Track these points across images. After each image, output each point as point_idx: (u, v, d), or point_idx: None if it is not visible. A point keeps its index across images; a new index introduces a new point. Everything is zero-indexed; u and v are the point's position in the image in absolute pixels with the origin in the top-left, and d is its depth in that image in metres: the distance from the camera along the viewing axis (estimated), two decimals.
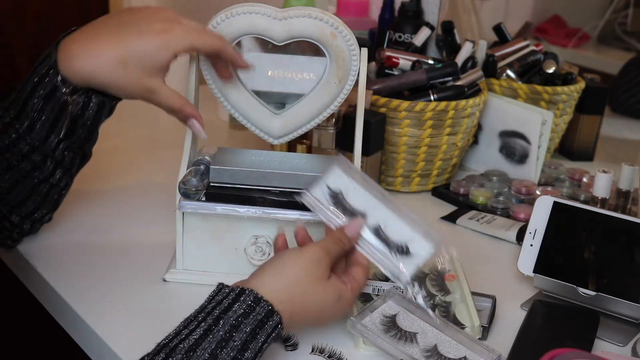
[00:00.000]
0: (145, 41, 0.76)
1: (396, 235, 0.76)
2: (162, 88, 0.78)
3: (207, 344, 0.62)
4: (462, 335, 0.75)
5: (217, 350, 0.62)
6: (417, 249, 0.76)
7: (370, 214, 0.77)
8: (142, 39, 0.76)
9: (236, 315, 0.64)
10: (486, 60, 1.26)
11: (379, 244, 0.76)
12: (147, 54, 0.76)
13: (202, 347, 0.62)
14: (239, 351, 0.63)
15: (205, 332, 0.63)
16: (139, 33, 0.76)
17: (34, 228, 0.90)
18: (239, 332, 0.64)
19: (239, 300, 0.66)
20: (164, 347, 0.63)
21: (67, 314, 0.82)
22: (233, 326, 0.64)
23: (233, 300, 0.66)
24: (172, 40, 0.76)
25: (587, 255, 0.87)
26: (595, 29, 2.25)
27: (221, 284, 0.68)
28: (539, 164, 1.19)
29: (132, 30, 0.76)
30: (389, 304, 0.79)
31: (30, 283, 0.90)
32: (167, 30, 0.77)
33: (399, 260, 0.75)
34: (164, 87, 0.79)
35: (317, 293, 0.70)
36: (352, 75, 0.85)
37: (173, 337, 0.63)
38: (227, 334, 0.63)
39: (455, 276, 0.86)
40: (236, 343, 0.63)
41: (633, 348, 0.80)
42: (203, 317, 0.65)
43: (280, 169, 0.83)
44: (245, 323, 0.64)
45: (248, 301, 0.66)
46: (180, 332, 0.64)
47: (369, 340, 0.74)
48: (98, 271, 0.87)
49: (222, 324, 0.64)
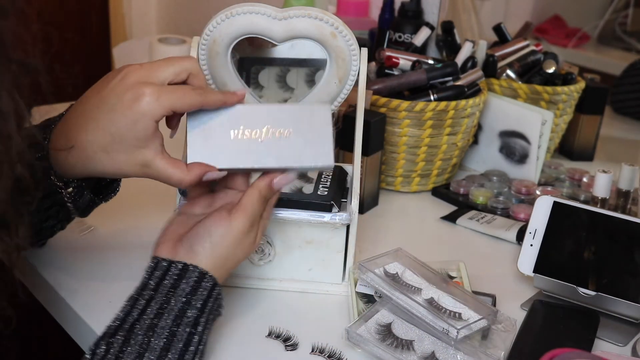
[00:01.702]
0: (119, 118, 0.70)
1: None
2: (155, 160, 0.72)
3: (164, 322, 0.67)
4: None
5: (174, 327, 0.67)
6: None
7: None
8: (116, 117, 0.70)
9: (185, 293, 0.69)
10: (486, 60, 1.26)
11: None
12: (125, 130, 0.70)
13: (161, 325, 0.66)
14: (192, 326, 0.68)
15: (159, 310, 0.67)
16: (111, 111, 0.70)
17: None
18: (191, 308, 0.68)
19: (185, 276, 0.70)
20: (119, 329, 0.66)
21: (67, 314, 0.82)
22: (185, 303, 0.68)
23: (178, 276, 0.70)
24: (146, 109, 0.70)
25: (587, 255, 0.87)
26: (595, 29, 2.24)
27: (156, 257, 0.72)
28: (539, 164, 1.18)
29: (105, 110, 0.71)
30: (383, 312, 0.79)
31: (30, 283, 0.90)
32: (138, 98, 0.70)
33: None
34: (157, 159, 0.72)
35: (244, 247, 0.74)
36: (352, 75, 0.85)
37: (125, 317, 0.67)
38: (181, 311, 0.68)
39: (461, 283, 0.87)
40: (190, 319, 0.68)
41: (633, 348, 0.80)
42: (150, 294, 0.69)
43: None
44: (194, 299, 0.69)
45: (194, 277, 0.70)
46: (131, 312, 0.67)
47: (366, 350, 0.75)
48: (98, 271, 0.87)
49: (174, 301, 0.68)
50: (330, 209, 0.83)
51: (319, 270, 0.86)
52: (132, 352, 0.65)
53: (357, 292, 0.84)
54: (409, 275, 0.83)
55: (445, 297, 0.79)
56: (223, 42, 0.83)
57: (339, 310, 0.84)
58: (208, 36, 0.82)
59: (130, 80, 0.71)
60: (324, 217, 0.83)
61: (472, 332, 0.75)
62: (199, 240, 0.72)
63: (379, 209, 1.11)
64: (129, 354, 0.64)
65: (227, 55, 0.84)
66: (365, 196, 1.08)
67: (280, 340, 0.77)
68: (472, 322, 0.76)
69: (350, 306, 0.83)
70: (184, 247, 0.72)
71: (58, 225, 0.85)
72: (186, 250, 0.72)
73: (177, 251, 0.72)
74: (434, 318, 0.75)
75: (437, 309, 0.77)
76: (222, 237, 0.72)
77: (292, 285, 0.87)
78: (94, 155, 0.72)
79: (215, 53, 0.83)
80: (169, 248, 0.73)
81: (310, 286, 0.87)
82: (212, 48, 0.83)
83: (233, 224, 0.72)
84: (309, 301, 0.85)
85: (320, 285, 0.87)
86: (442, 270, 0.90)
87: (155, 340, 0.66)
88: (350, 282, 0.85)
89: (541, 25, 2.24)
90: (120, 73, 0.72)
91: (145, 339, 0.65)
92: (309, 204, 0.83)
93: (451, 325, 0.74)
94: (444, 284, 0.82)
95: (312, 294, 0.86)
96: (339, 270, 0.87)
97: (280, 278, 0.87)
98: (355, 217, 0.84)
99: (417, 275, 0.83)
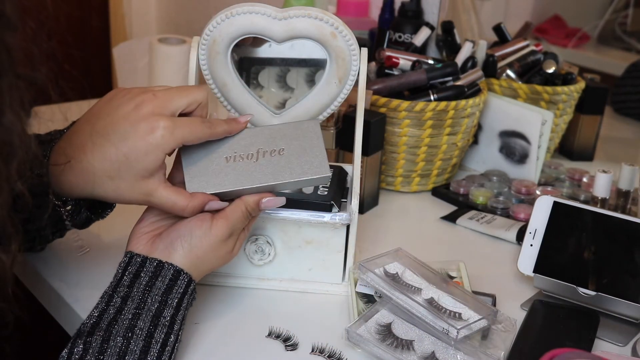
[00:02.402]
0: (131, 148, 0.69)
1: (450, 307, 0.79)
2: (158, 189, 0.72)
3: (142, 324, 0.67)
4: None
5: (152, 328, 0.68)
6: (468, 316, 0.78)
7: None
8: (127, 146, 0.69)
9: (161, 292, 0.70)
10: (486, 60, 1.26)
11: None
12: (135, 161, 0.70)
13: (139, 327, 0.67)
14: (169, 326, 0.69)
15: (137, 310, 0.68)
16: (123, 140, 0.70)
17: (24, 252, 0.90)
18: (167, 308, 0.69)
19: (161, 274, 0.70)
20: (95, 327, 0.66)
21: (67, 314, 0.82)
22: (161, 302, 0.69)
23: (153, 273, 0.70)
24: (160, 142, 0.70)
25: (587, 255, 0.87)
26: (595, 29, 2.24)
27: (130, 252, 0.72)
28: (539, 164, 1.18)
29: (116, 138, 0.70)
30: (383, 312, 0.79)
31: (31, 283, 0.90)
32: (153, 130, 0.69)
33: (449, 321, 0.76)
34: (161, 188, 0.72)
35: (220, 255, 0.75)
36: (352, 75, 0.85)
37: (100, 315, 0.67)
38: (157, 311, 0.69)
39: (461, 283, 0.87)
40: (166, 319, 0.69)
41: (633, 348, 0.80)
42: (125, 291, 0.69)
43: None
44: (170, 297, 0.70)
45: (170, 275, 0.71)
46: (107, 310, 0.68)
47: (367, 350, 0.75)
48: (98, 271, 0.87)
49: (151, 301, 0.69)
50: (330, 209, 0.83)
51: (319, 270, 0.86)
52: (112, 354, 0.65)
53: (357, 292, 0.84)
54: (409, 275, 0.83)
55: (445, 297, 0.79)
56: (223, 42, 0.83)
57: (339, 310, 0.84)
58: (208, 36, 0.82)
59: (146, 111, 0.70)
60: (324, 217, 0.83)
61: (472, 332, 0.75)
62: (179, 238, 0.72)
63: (379, 209, 1.11)
64: (109, 356, 0.65)
65: (227, 55, 0.84)
66: (365, 196, 1.08)
67: (280, 340, 0.77)
68: (472, 322, 0.76)
69: (350, 306, 0.83)
70: (163, 242, 0.72)
71: (57, 234, 0.86)
72: (164, 246, 0.72)
73: (155, 247, 0.72)
74: (434, 318, 0.75)
75: (437, 309, 0.77)
76: (200, 239, 0.72)
77: (292, 285, 0.87)
78: (96, 180, 0.71)
79: (215, 53, 0.83)
80: (145, 243, 0.73)
81: (310, 286, 0.87)
82: (212, 48, 0.83)
83: (212, 229, 0.73)
84: (309, 301, 0.85)
85: (320, 285, 0.87)
86: (442, 270, 0.90)
87: (134, 343, 0.66)
88: (350, 282, 0.85)
89: (541, 25, 2.24)
90: (133, 100, 0.72)
91: (124, 341, 0.66)
92: (309, 204, 0.83)
93: (451, 325, 0.74)
94: (444, 284, 0.82)
95: (312, 294, 0.86)
96: (339, 270, 0.87)
97: (280, 278, 0.87)
98: (355, 217, 0.84)
99: (417, 275, 0.83)
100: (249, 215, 0.75)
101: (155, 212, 0.76)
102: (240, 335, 0.78)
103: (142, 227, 0.75)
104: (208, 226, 0.73)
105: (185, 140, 0.72)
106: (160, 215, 0.75)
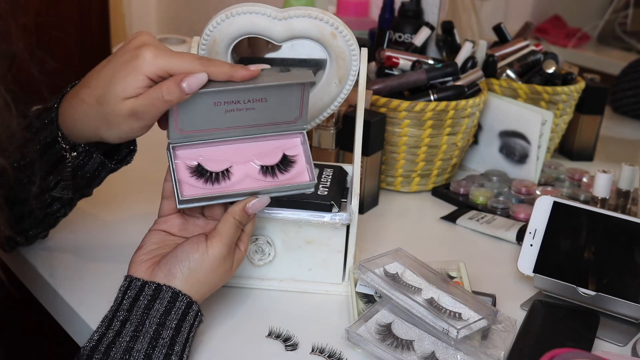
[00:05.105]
0: (114, 73, 0.72)
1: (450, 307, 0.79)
2: (138, 100, 0.71)
3: (140, 346, 0.67)
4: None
5: (149, 349, 0.67)
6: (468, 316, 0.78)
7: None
8: (113, 73, 0.72)
9: (159, 314, 0.70)
10: (486, 60, 1.26)
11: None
12: (117, 84, 0.71)
13: (136, 349, 0.67)
14: (169, 347, 0.68)
15: (135, 333, 0.67)
16: (111, 70, 0.72)
17: (29, 242, 0.90)
18: (166, 329, 0.69)
19: (159, 297, 0.70)
20: (94, 351, 0.66)
21: (67, 314, 0.82)
22: (159, 324, 0.69)
23: (152, 297, 0.70)
24: (140, 64, 0.71)
25: (587, 255, 0.87)
26: (595, 29, 2.24)
27: (129, 276, 0.73)
28: (539, 164, 1.18)
29: (107, 69, 0.73)
30: (383, 312, 0.79)
31: (30, 283, 0.90)
32: (136, 56, 0.71)
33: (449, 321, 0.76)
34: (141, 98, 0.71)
35: (220, 274, 0.75)
36: (352, 75, 0.85)
37: (100, 339, 0.67)
38: (156, 333, 0.68)
39: (461, 283, 0.87)
40: (165, 340, 0.68)
41: (633, 348, 0.80)
42: (125, 315, 0.69)
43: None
44: (169, 319, 0.70)
45: (168, 297, 0.70)
46: (106, 334, 0.68)
47: (367, 350, 0.75)
48: (98, 271, 0.87)
49: (149, 323, 0.69)
50: (330, 209, 0.83)
51: (319, 270, 0.86)
52: None
53: (357, 292, 0.84)
54: (409, 275, 0.83)
55: (445, 297, 0.79)
56: (223, 42, 0.83)
57: (339, 310, 0.84)
58: (208, 36, 0.82)
59: (138, 41, 0.73)
60: (324, 217, 0.83)
61: (472, 332, 0.75)
62: (177, 264, 0.72)
63: (379, 209, 1.11)
64: None
65: (227, 55, 0.84)
66: (365, 196, 1.08)
67: (280, 340, 0.77)
68: (472, 322, 0.76)
69: (350, 306, 0.83)
70: (162, 270, 0.73)
71: (61, 210, 0.85)
72: (164, 274, 0.72)
73: (155, 273, 0.73)
74: (434, 318, 0.75)
75: (437, 309, 0.77)
76: (199, 262, 0.73)
77: (292, 285, 0.87)
78: (89, 109, 0.73)
79: (215, 53, 0.83)
80: (146, 269, 0.73)
81: (310, 286, 0.87)
82: (212, 48, 0.83)
83: (209, 250, 0.73)
84: (309, 301, 0.85)
85: (320, 285, 0.87)
86: (442, 270, 0.90)
87: None
88: (350, 282, 0.85)
89: (541, 25, 2.24)
90: (130, 40, 0.74)
91: None
92: (309, 204, 0.83)
93: (451, 325, 0.74)
94: (444, 284, 0.82)
95: (312, 294, 0.86)
96: (339, 270, 0.87)
97: (280, 278, 0.87)
98: (355, 217, 0.84)
99: (417, 275, 0.83)
100: (239, 225, 0.75)
101: (153, 240, 0.76)
102: (240, 335, 0.78)
103: (141, 254, 0.75)
104: (204, 248, 0.73)
105: (170, 68, 0.71)
106: (159, 242, 0.76)
